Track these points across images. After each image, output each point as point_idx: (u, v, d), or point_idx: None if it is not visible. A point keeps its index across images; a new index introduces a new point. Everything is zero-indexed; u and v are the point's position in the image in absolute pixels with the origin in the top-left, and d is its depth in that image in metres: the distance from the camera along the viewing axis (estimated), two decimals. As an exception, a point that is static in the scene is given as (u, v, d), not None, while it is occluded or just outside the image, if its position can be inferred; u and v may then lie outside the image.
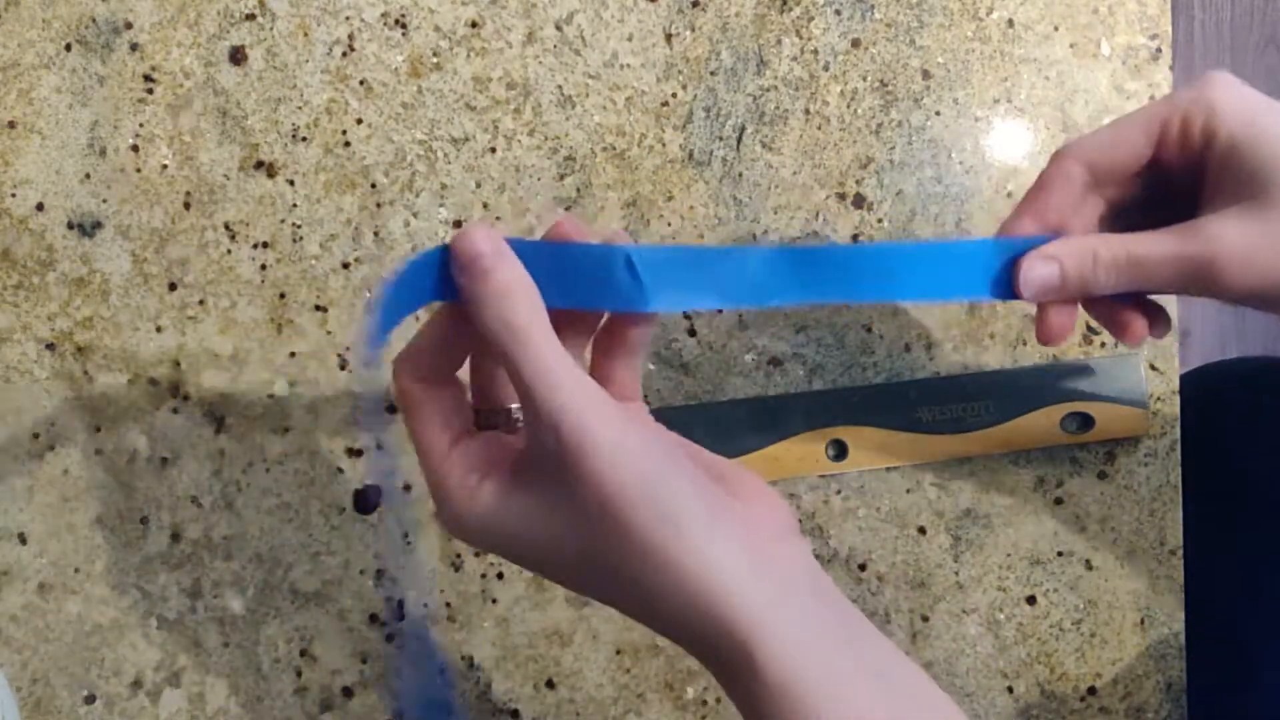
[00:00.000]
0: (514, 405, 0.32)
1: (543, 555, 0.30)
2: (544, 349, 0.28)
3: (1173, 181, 0.38)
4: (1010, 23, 0.50)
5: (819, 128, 0.49)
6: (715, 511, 0.29)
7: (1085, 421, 0.49)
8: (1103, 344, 0.50)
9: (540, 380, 0.28)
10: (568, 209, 0.47)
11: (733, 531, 0.28)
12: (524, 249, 0.30)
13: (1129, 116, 0.38)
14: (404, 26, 0.47)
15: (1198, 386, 0.56)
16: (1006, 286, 0.38)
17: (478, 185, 0.47)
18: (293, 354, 0.47)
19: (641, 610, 0.29)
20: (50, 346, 0.45)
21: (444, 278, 0.30)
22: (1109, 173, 0.38)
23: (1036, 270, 0.37)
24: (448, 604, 0.47)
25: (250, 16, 0.46)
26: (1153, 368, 0.50)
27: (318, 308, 0.47)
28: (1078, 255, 0.37)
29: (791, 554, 0.30)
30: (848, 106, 0.49)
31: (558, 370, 0.28)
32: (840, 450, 0.48)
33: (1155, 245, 0.36)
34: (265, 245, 0.46)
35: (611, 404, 0.28)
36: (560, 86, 0.48)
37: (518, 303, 0.29)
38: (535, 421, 0.28)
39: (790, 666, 0.27)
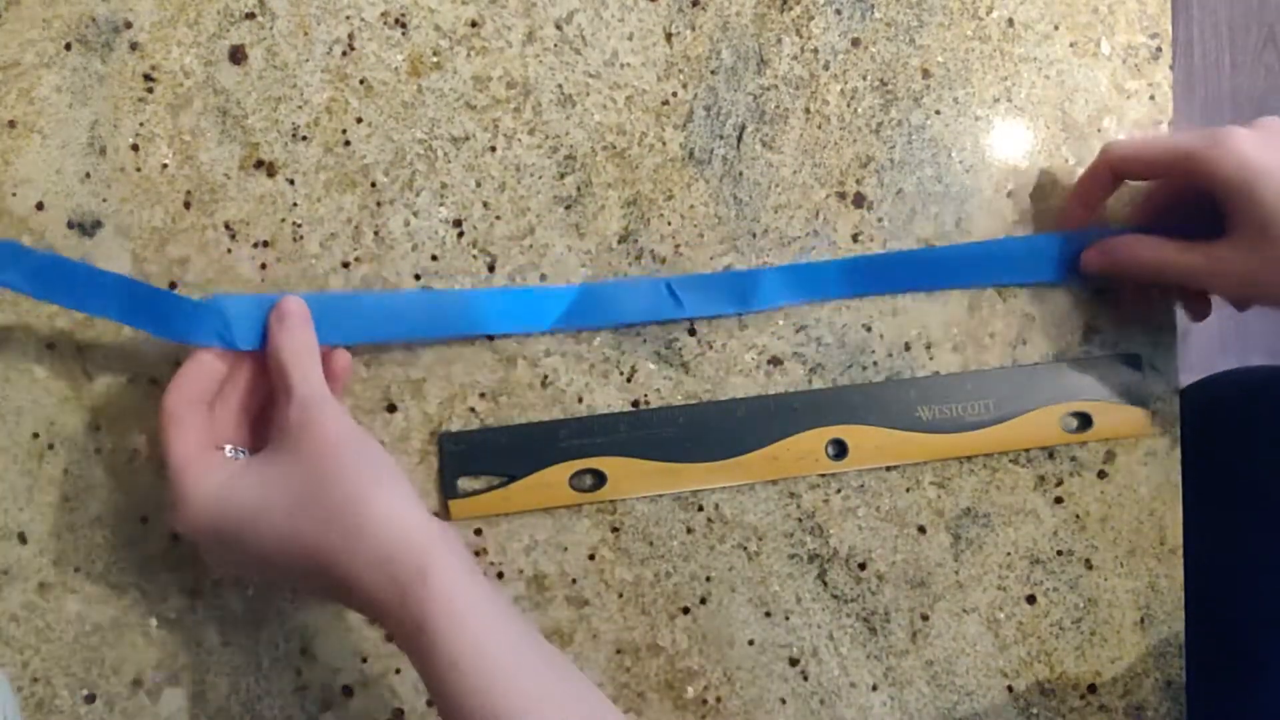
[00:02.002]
0: (228, 445, 0.42)
1: (259, 517, 0.38)
2: (306, 362, 0.41)
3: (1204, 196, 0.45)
4: (1010, 22, 0.50)
5: (819, 127, 0.49)
6: (400, 476, 0.40)
7: (1085, 421, 0.49)
8: (1103, 343, 0.50)
9: (299, 377, 0.40)
10: (568, 208, 0.48)
11: (412, 493, 0.39)
12: (332, 303, 0.45)
13: (1161, 139, 0.49)
14: (404, 26, 0.47)
15: (1199, 398, 0.56)
16: (1067, 270, 0.49)
17: (478, 184, 0.47)
18: (293, 353, 0.47)
19: (340, 547, 0.37)
20: (50, 346, 0.45)
21: (238, 332, 0.42)
22: (1133, 174, 0.48)
23: (1094, 257, 0.48)
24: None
25: (250, 15, 0.46)
26: (1153, 368, 0.50)
27: (318, 307, 0.47)
28: (1126, 249, 0.47)
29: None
30: (848, 105, 0.49)
31: (311, 376, 0.41)
32: (840, 450, 0.48)
33: (1180, 255, 0.46)
34: (265, 244, 0.46)
35: (336, 401, 0.41)
36: (560, 85, 0.48)
37: (297, 338, 0.42)
38: (288, 401, 0.40)
39: (453, 581, 0.37)
